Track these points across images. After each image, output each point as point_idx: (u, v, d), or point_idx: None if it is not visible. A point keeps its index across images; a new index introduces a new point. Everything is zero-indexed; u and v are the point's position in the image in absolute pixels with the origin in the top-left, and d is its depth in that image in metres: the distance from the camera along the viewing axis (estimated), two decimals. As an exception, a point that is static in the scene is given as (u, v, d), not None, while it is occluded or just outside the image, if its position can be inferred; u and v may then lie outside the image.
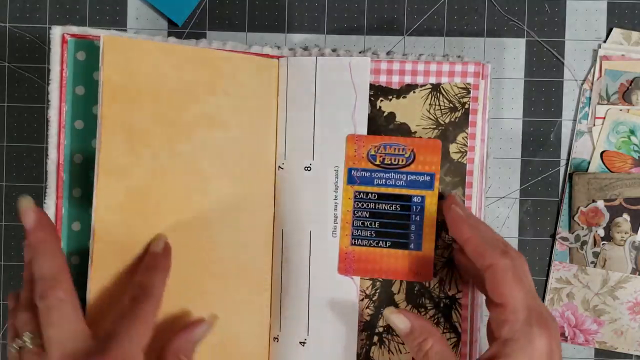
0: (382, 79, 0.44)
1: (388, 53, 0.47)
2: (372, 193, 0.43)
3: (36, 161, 0.48)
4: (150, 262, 0.38)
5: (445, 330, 0.43)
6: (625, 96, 0.46)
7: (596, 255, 0.47)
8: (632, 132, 0.47)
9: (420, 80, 0.44)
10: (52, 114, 0.39)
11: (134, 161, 0.38)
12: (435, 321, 0.44)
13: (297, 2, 0.47)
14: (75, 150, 0.40)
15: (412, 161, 0.43)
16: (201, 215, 0.41)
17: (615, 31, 0.47)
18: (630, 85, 0.46)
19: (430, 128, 0.43)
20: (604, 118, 0.46)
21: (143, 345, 0.35)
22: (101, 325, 0.36)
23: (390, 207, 0.43)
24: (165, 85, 0.39)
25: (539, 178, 0.48)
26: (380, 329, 0.44)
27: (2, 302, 0.48)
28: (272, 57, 0.44)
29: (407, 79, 0.44)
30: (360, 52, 0.46)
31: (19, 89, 0.47)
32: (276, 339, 0.44)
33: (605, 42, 0.47)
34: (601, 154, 0.47)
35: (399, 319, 0.39)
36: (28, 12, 0.47)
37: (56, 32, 0.39)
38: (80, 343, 0.34)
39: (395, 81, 0.44)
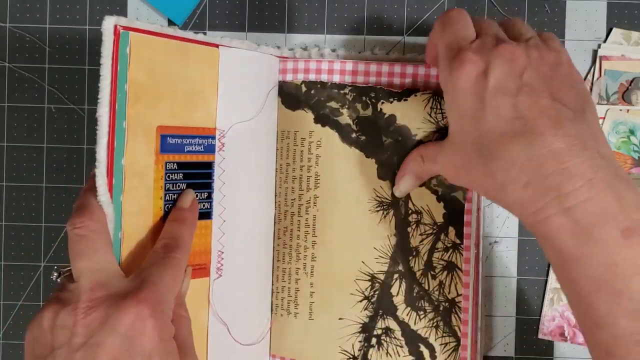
0: (384, 81, 0.44)
1: (388, 53, 0.47)
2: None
3: (36, 161, 0.48)
4: (179, 216, 0.38)
5: (444, 335, 0.43)
6: (625, 96, 0.46)
7: (596, 255, 0.47)
8: (631, 132, 0.47)
9: (421, 83, 0.44)
10: (103, 113, 0.35)
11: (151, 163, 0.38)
12: (434, 325, 0.44)
13: (297, 2, 0.47)
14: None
15: None
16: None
17: (615, 31, 0.47)
18: (630, 85, 0.46)
19: (431, 131, 0.43)
20: (604, 118, 0.46)
21: (176, 292, 0.35)
22: (133, 271, 0.35)
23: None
24: (179, 85, 0.39)
25: (539, 178, 0.48)
26: (379, 331, 0.44)
27: (2, 302, 0.48)
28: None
29: (408, 82, 0.44)
30: (360, 52, 0.46)
31: (19, 89, 0.47)
32: None
33: (605, 42, 0.47)
34: (601, 154, 0.47)
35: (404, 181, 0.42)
36: (28, 12, 0.47)
37: (109, 24, 0.35)
38: (112, 277, 0.34)
39: (397, 83, 0.44)
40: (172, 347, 0.34)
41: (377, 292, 0.44)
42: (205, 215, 0.41)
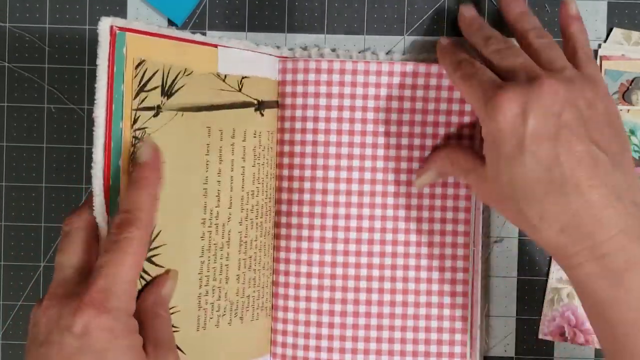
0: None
1: (387, 53, 0.47)
2: None
3: (36, 161, 0.48)
4: (134, 177, 0.35)
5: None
6: (625, 96, 0.46)
7: (596, 255, 0.47)
8: (632, 132, 0.47)
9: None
10: (99, 114, 0.35)
11: None
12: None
13: (297, 2, 0.47)
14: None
15: None
16: None
17: (615, 31, 0.47)
18: (630, 85, 0.46)
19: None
20: (604, 118, 0.46)
21: (133, 277, 0.34)
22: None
23: None
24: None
25: (539, 178, 0.48)
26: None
27: (1, 302, 0.48)
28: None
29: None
30: (360, 52, 0.46)
31: (19, 89, 0.47)
32: None
33: (605, 42, 0.47)
34: (601, 154, 0.47)
35: None
36: (28, 12, 0.47)
37: (104, 25, 0.35)
38: (77, 275, 0.34)
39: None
40: (131, 342, 0.33)
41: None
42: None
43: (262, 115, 0.44)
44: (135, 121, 0.36)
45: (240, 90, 0.42)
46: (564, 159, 0.34)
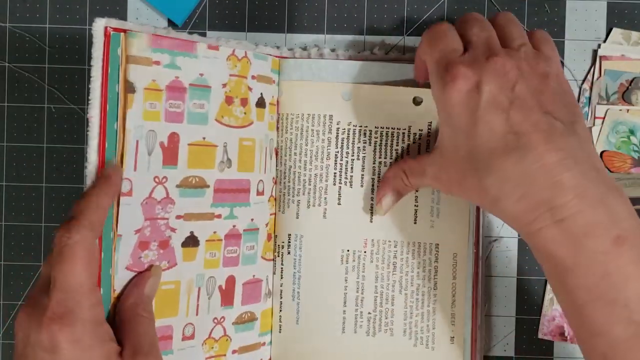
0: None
1: (387, 53, 0.47)
2: None
3: (36, 161, 0.48)
4: (88, 186, 0.35)
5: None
6: (625, 96, 0.46)
7: (596, 255, 0.47)
8: (631, 132, 0.47)
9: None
10: (94, 115, 0.35)
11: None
12: None
13: (297, 2, 0.47)
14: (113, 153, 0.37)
15: None
16: None
17: (615, 31, 0.47)
18: (630, 85, 0.46)
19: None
20: (604, 118, 0.46)
21: (89, 280, 0.33)
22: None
23: None
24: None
25: (539, 178, 0.48)
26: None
27: (1, 302, 0.48)
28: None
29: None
30: (359, 52, 0.46)
31: (19, 89, 0.47)
32: None
33: (604, 42, 0.47)
34: (601, 153, 0.47)
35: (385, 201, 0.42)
36: (28, 12, 0.47)
37: (99, 25, 0.35)
38: (41, 292, 0.34)
39: None
40: (103, 351, 0.33)
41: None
42: None
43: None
44: None
45: None
46: (519, 125, 0.34)
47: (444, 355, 0.44)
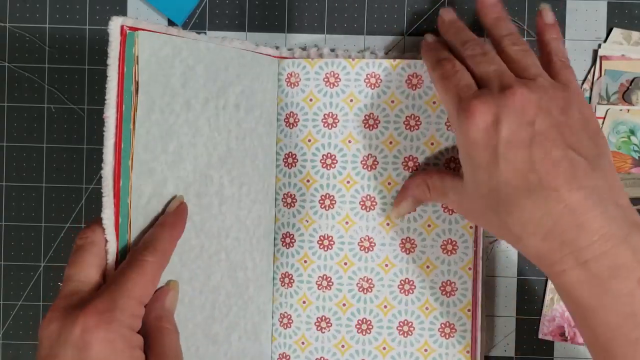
0: None
1: (387, 53, 0.47)
2: None
3: (36, 161, 0.48)
4: (161, 220, 0.36)
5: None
6: (625, 96, 0.46)
7: (596, 255, 0.47)
8: (632, 132, 0.47)
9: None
10: (110, 115, 0.35)
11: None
12: None
13: (297, 2, 0.47)
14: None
15: None
16: None
17: (615, 31, 0.47)
18: (630, 85, 0.46)
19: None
20: (604, 118, 0.46)
21: (141, 297, 0.33)
22: None
23: None
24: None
25: (539, 178, 0.48)
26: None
27: (1, 302, 0.48)
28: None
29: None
30: (359, 52, 0.46)
31: (19, 89, 0.47)
32: None
33: (605, 42, 0.47)
34: (601, 154, 0.47)
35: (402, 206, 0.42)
36: (28, 12, 0.47)
37: (115, 25, 0.34)
38: (83, 287, 0.34)
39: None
40: (132, 357, 0.33)
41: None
42: None
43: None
44: None
45: None
46: (540, 164, 0.33)
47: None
